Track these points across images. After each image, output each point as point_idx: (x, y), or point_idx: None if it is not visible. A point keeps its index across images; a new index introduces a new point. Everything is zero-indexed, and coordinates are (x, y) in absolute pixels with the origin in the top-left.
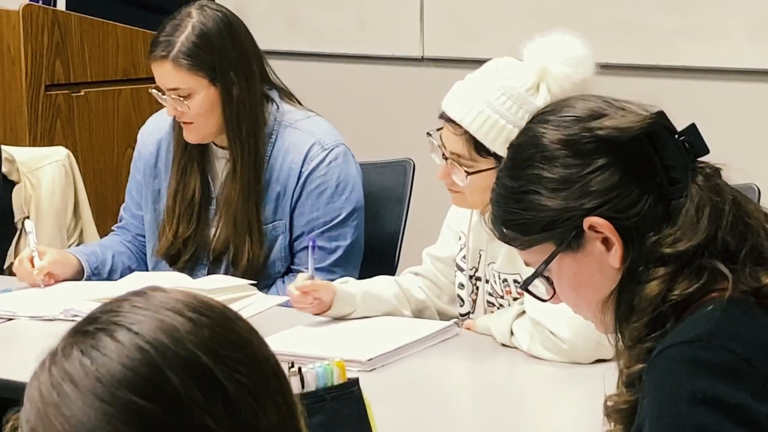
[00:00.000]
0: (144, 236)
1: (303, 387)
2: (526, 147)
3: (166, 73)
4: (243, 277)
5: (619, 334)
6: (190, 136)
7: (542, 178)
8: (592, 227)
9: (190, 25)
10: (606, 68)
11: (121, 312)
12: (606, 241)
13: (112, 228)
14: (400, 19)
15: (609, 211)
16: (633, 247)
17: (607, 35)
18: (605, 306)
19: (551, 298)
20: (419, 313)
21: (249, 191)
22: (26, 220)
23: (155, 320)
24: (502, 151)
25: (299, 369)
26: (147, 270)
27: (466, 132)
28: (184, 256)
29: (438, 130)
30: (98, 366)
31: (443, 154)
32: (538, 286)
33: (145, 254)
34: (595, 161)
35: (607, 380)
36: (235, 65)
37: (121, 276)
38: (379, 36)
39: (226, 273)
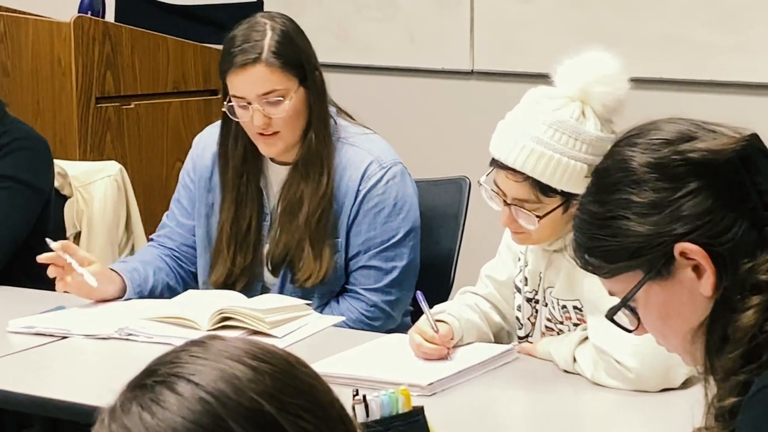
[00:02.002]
0: (187, 245)
1: (368, 415)
2: (613, 171)
3: (259, 77)
4: (300, 296)
5: (709, 366)
6: (274, 149)
7: (631, 203)
8: (683, 254)
9: (269, 28)
10: (656, 83)
11: (180, 363)
12: (697, 269)
13: (151, 237)
14: (450, 32)
15: (701, 236)
16: (726, 275)
17: (658, 51)
18: (695, 337)
19: (636, 328)
20: (495, 337)
21: (317, 204)
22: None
23: (215, 369)
24: (569, 187)
25: (364, 397)
26: (183, 286)
27: (529, 177)
28: (240, 284)
29: (488, 175)
30: (159, 420)
31: (504, 201)
32: (622, 317)
33: (182, 269)
34: (687, 185)
35: (673, 408)
36: (316, 66)
37: (161, 293)
38: (428, 49)
39: (281, 291)
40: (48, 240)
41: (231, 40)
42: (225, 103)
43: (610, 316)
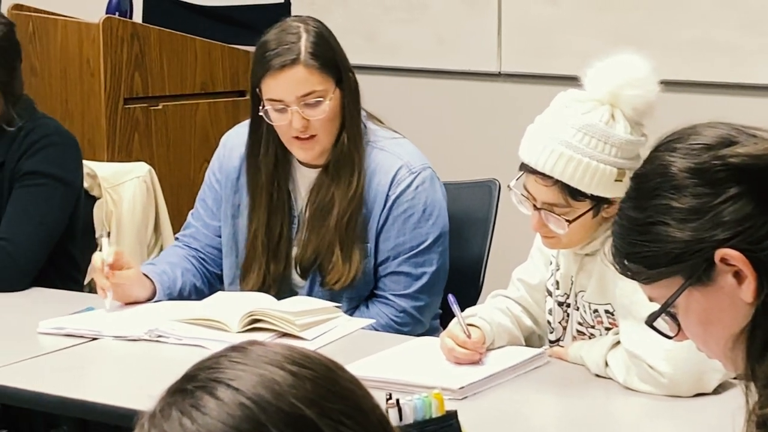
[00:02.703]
0: (212, 246)
1: (401, 419)
2: (653, 176)
3: (299, 78)
4: (328, 299)
5: (750, 373)
6: (311, 153)
7: (671, 209)
8: (723, 260)
9: (302, 30)
10: (685, 86)
11: (220, 368)
12: (738, 275)
13: (176, 236)
14: (477, 34)
15: (742, 242)
16: (767, 281)
17: (687, 54)
18: (736, 343)
19: (676, 335)
20: (527, 340)
21: (348, 206)
22: (102, 239)
23: (255, 375)
24: (598, 191)
25: (397, 401)
26: (209, 287)
27: (558, 181)
28: (273, 291)
29: (518, 179)
30: (199, 426)
31: (534, 205)
32: (662, 323)
33: (207, 271)
34: (728, 190)
35: (706, 414)
36: (350, 68)
37: (189, 294)
38: (456, 51)
39: (310, 294)
40: (104, 240)
41: (264, 44)
42: (260, 108)
43: (650, 322)
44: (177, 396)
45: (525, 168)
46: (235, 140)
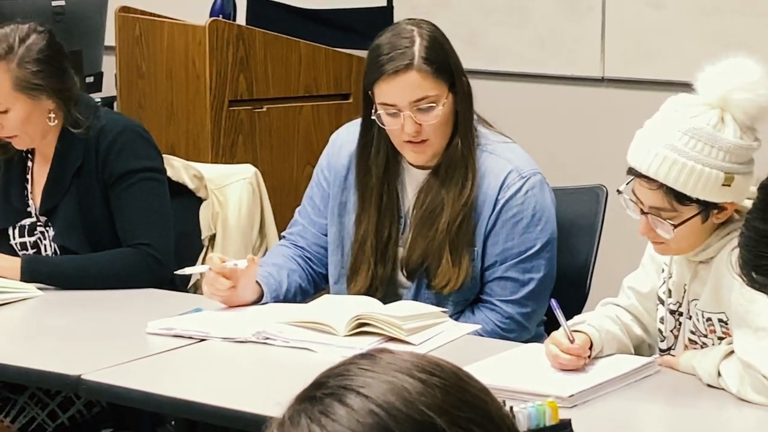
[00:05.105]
0: (318, 245)
1: None
2: None
3: (412, 83)
4: (434, 302)
5: None
6: (423, 156)
7: None
8: None
9: (416, 34)
10: None
11: (349, 375)
12: None
13: (283, 234)
14: (580, 38)
15: None
16: None
17: None
18: None
19: None
20: (636, 349)
21: (459, 210)
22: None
23: (385, 382)
24: (704, 195)
25: (511, 408)
26: (314, 288)
27: (663, 185)
28: (380, 294)
29: (627, 184)
30: None
31: (641, 210)
32: None
33: (313, 270)
34: None
35: None
36: (463, 72)
37: (294, 295)
38: (558, 56)
39: (416, 297)
40: (237, 263)
41: (377, 48)
42: (372, 111)
43: None
44: (306, 403)
45: (632, 172)
46: (345, 138)
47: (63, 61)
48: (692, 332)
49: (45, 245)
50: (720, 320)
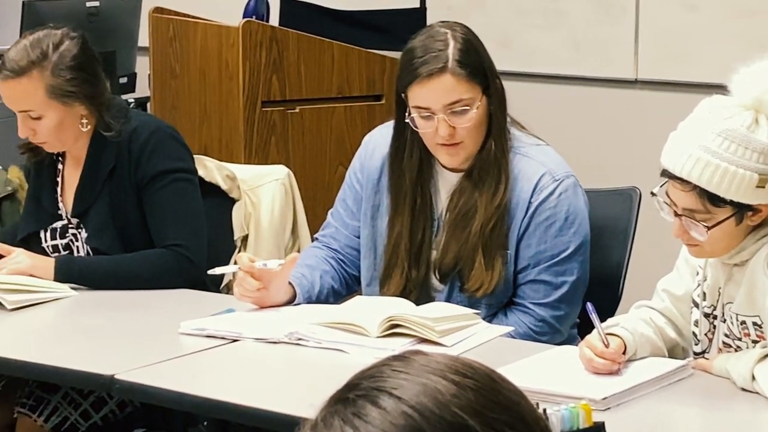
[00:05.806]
0: (351, 247)
1: None
2: None
3: (446, 87)
4: (467, 304)
5: None
6: (456, 159)
7: None
8: None
9: (450, 37)
10: None
11: (382, 377)
12: None
13: (315, 236)
14: (614, 40)
15: None
16: None
17: None
18: None
19: None
20: (670, 352)
21: (493, 213)
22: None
23: (418, 384)
24: (738, 197)
25: (544, 411)
26: (347, 289)
27: (696, 186)
28: (413, 296)
29: (661, 186)
30: None
31: (675, 212)
32: None
33: (345, 272)
34: None
35: None
36: (497, 75)
37: (327, 297)
38: (592, 57)
39: (449, 299)
40: (267, 263)
41: (411, 51)
42: (406, 114)
43: None
44: (339, 405)
45: (666, 174)
46: (378, 140)
47: (95, 67)
48: (726, 335)
49: (77, 247)
50: (754, 323)
